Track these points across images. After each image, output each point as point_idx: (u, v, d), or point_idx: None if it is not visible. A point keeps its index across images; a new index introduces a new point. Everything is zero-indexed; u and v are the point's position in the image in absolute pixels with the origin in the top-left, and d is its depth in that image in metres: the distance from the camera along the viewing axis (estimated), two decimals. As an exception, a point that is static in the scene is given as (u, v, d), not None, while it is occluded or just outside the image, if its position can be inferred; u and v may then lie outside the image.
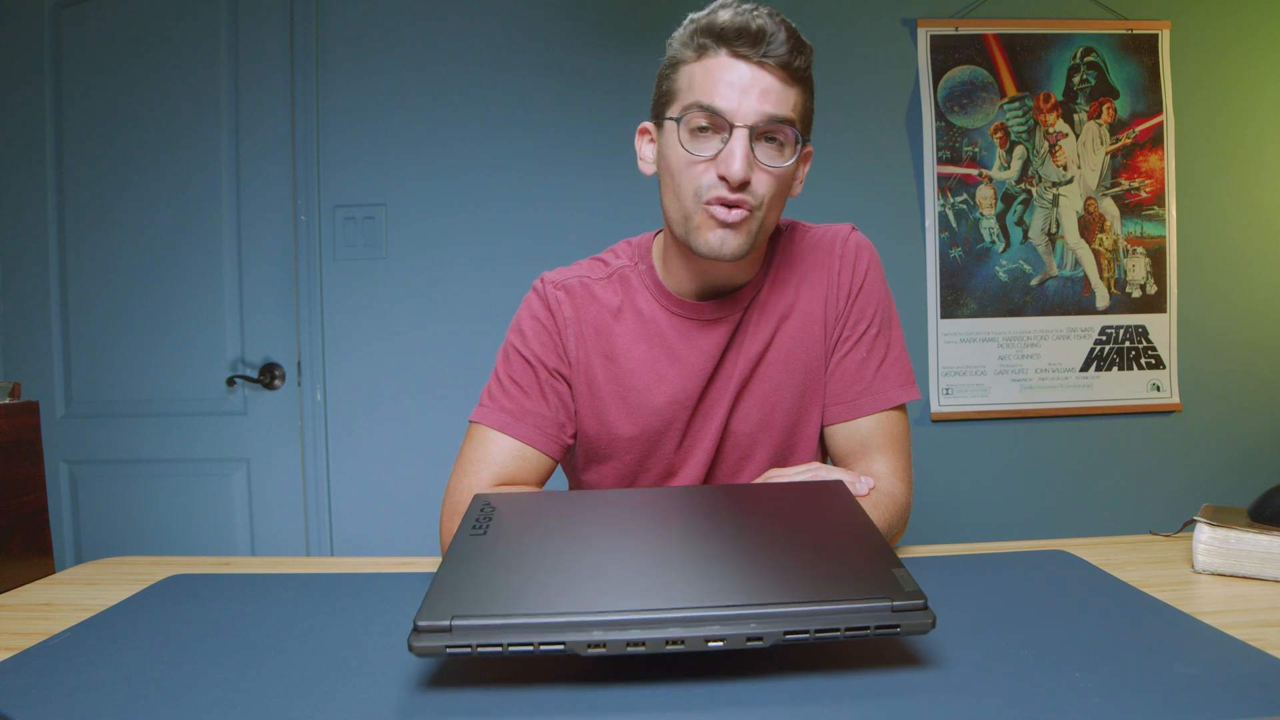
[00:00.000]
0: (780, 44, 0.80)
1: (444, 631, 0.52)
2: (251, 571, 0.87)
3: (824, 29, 1.96)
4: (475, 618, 0.52)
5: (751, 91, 0.80)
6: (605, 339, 0.94)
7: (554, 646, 0.51)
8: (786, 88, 0.82)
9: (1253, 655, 0.58)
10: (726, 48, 0.81)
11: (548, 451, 0.92)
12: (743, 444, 0.96)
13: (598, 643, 0.51)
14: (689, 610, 0.53)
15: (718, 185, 0.82)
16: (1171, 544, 0.91)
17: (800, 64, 0.82)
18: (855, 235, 0.96)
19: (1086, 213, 2.00)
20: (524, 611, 0.53)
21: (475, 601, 0.54)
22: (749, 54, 0.80)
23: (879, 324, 0.94)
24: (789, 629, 0.52)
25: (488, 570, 0.60)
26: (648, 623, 0.52)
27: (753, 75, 0.80)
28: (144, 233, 1.96)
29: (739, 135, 0.80)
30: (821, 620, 0.52)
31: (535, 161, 1.96)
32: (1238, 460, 2.06)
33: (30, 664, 0.62)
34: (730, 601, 0.53)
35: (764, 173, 0.82)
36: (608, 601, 0.54)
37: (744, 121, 0.80)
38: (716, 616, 0.52)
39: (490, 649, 0.51)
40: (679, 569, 0.60)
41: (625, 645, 0.51)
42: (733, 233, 0.83)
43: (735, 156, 0.80)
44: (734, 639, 0.52)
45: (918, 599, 0.53)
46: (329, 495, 1.96)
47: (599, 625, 0.52)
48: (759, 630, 0.52)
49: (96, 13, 1.96)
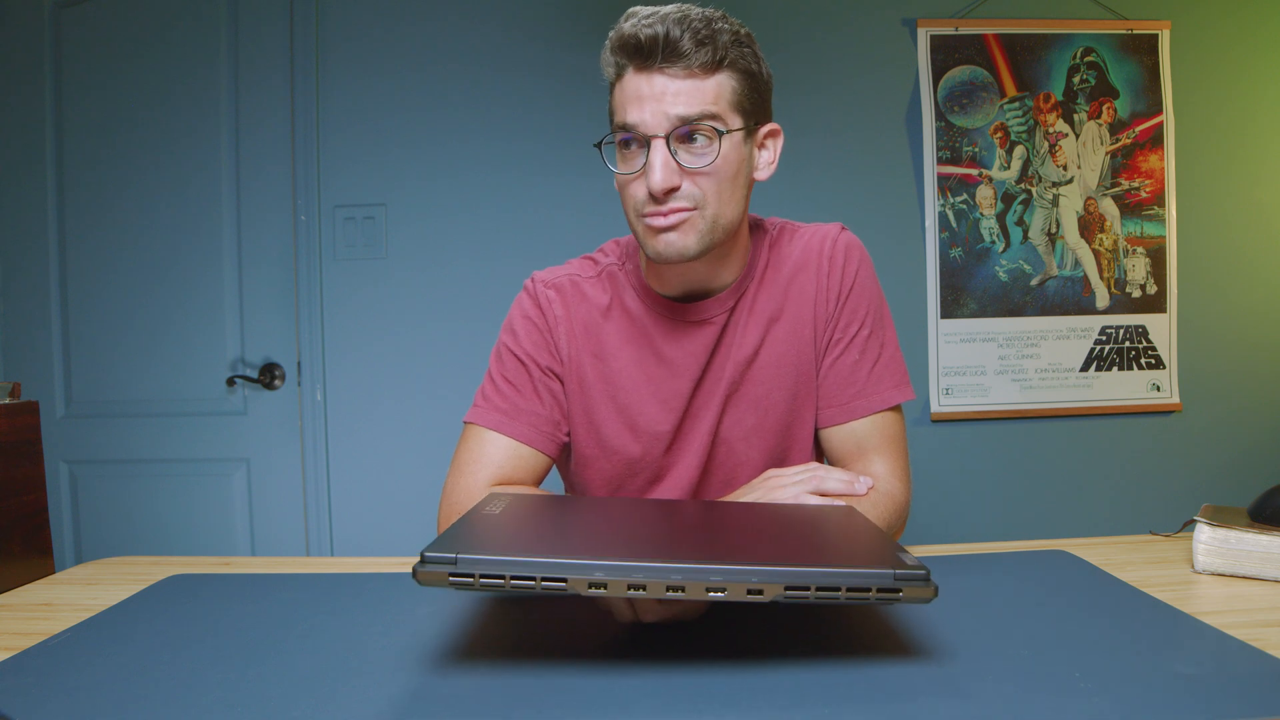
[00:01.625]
0: (680, 44, 0.78)
1: (449, 563, 0.52)
2: (251, 571, 0.88)
3: (824, 29, 1.96)
4: (480, 554, 0.53)
5: (659, 100, 0.80)
6: (595, 338, 0.94)
7: (556, 583, 0.52)
8: (699, 83, 0.80)
9: (1253, 655, 0.58)
10: (630, 63, 0.81)
11: (544, 450, 0.92)
12: (736, 449, 0.95)
13: (599, 583, 0.52)
14: (692, 563, 0.53)
15: (649, 199, 0.82)
16: (1171, 544, 0.91)
17: (707, 57, 0.79)
18: (844, 235, 0.95)
19: (1086, 213, 2.00)
20: (528, 554, 0.54)
21: (482, 545, 0.56)
22: (648, 65, 0.80)
23: (871, 324, 0.93)
24: (790, 584, 0.52)
25: (497, 528, 0.62)
26: (650, 570, 0.52)
27: (660, 84, 0.80)
28: (144, 233, 1.96)
29: (655, 147, 0.80)
30: (823, 579, 0.53)
31: (535, 161, 1.96)
32: (1238, 460, 2.06)
33: (30, 664, 0.62)
34: (733, 559, 0.54)
35: (694, 175, 0.82)
36: (612, 553, 0.55)
37: (653, 131, 0.80)
38: (718, 570, 0.53)
39: (492, 581, 0.52)
40: (685, 538, 0.63)
41: (626, 587, 0.52)
42: (677, 234, 0.83)
43: (653, 168, 0.80)
44: (735, 589, 0.52)
45: (920, 570, 0.54)
46: (329, 495, 1.96)
47: (601, 568, 0.52)
48: (760, 583, 0.52)
49: (96, 13, 1.96)
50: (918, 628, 0.64)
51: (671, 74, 0.80)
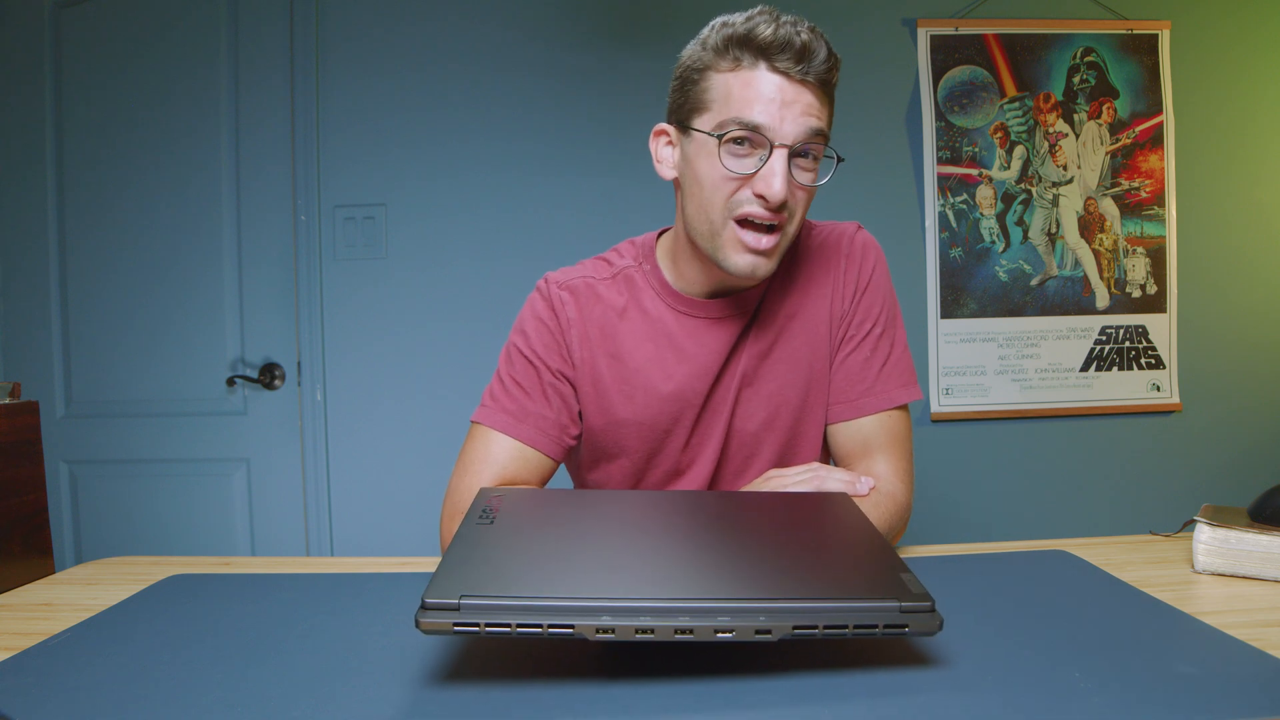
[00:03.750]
0: (821, 60, 0.79)
1: (452, 610, 0.51)
2: (251, 571, 0.87)
3: (824, 29, 1.95)
4: (484, 597, 0.52)
5: (793, 109, 0.78)
6: (610, 339, 0.94)
7: (563, 629, 0.51)
8: (823, 103, 0.81)
9: (1253, 655, 0.58)
10: (766, 61, 0.79)
11: (549, 453, 0.92)
12: (748, 443, 0.95)
13: (606, 628, 0.51)
14: (699, 601, 0.52)
15: (753, 202, 0.81)
16: (1171, 544, 0.91)
17: (835, 79, 0.81)
18: (862, 234, 0.97)
19: (1086, 213, 2.00)
20: (533, 594, 0.53)
21: (484, 582, 0.54)
22: (791, 70, 0.78)
23: (884, 323, 0.94)
24: (798, 623, 0.52)
25: (496, 555, 0.60)
26: (658, 611, 0.52)
27: (795, 92, 0.79)
28: (144, 233, 1.96)
29: (779, 155, 0.78)
30: (830, 617, 0.52)
31: (535, 161, 1.96)
32: (1238, 460, 2.06)
33: (30, 664, 0.62)
34: (740, 595, 0.54)
35: (799, 190, 0.82)
36: (617, 589, 0.54)
37: (785, 140, 0.78)
38: (726, 608, 0.52)
39: (498, 629, 0.51)
40: (688, 563, 0.61)
41: (634, 631, 0.51)
42: (765, 259, 0.84)
43: (776, 176, 0.78)
44: (743, 630, 0.52)
45: (925, 600, 0.54)
46: (329, 495, 1.96)
47: (608, 611, 0.51)
48: (768, 623, 0.52)
49: (96, 13, 1.96)
50: (918, 628, 0.64)
51: (809, 86, 0.79)
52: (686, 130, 0.85)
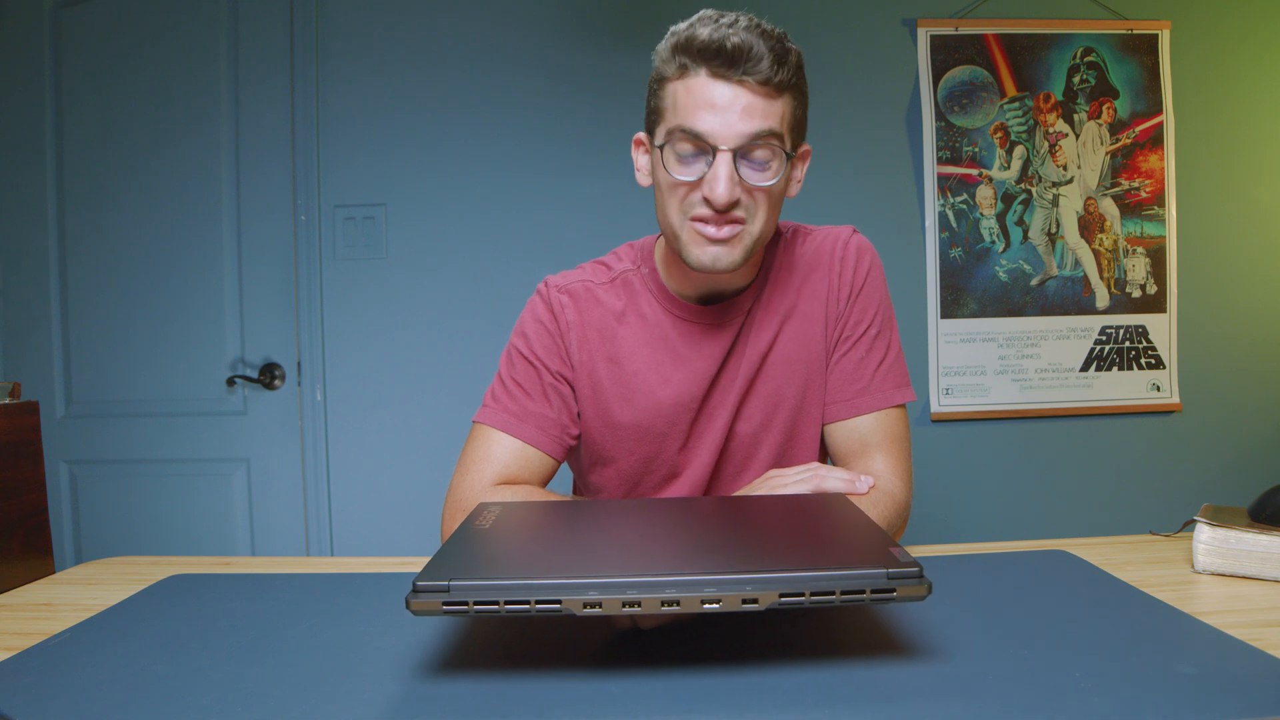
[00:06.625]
0: (759, 59, 0.78)
1: (441, 591, 0.52)
2: (251, 571, 0.88)
3: (824, 29, 1.96)
4: (473, 579, 0.53)
5: (731, 112, 0.78)
6: (609, 342, 0.95)
7: (550, 605, 0.52)
8: (770, 102, 0.80)
9: (1253, 655, 0.58)
10: (706, 66, 0.79)
11: (550, 452, 0.93)
12: (746, 444, 0.96)
13: (593, 602, 0.52)
14: (686, 575, 0.53)
15: (703, 205, 0.82)
16: (1171, 544, 0.91)
17: (783, 76, 0.79)
18: (856, 237, 0.97)
19: (1086, 213, 2.00)
20: (521, 576, 0.54)
21: (474, 568, 0.56)
22: (727, 74, 0.78)
23: (879, 325, 0.95)
24: (785, 590, 0.52)
25: (488, 548, 0.62)
26: (645, 585, 0.52)
27: (733, 94, 0.79)
28: (144, 232, 1.96)
29: (721, 159, 0.79)
30: (817, 584, 0.53)
31: (535, 162, 1.96)
32: (1238, 460, 2.06)
33: (30, 664, 0.62)
34: (727, 568, 0.54)
35: (757, 190, 0.82)
36: (606, 570, 0.54)
37: (726, 145, 0.79)
38: (713, 580, 0.53)
39: (486, 607, 0.52)
40: (678, 548, 0.62)
41: (621, 604, 0.52)
42: (725, 248, 0.84)
43: (719, 180, 0.79)
44: (730, 600, 0.52)
45: (913, 567, 0.54)
46: (329, 495, 1.96)
47: (595, 586, 0.52)
48: (754, 592, 0.52)
49: (96, 13, 1.96)
50: (918, 627, 0.64)
51: (749, 87, 0.79)
52: (652, 138, 0.88)
